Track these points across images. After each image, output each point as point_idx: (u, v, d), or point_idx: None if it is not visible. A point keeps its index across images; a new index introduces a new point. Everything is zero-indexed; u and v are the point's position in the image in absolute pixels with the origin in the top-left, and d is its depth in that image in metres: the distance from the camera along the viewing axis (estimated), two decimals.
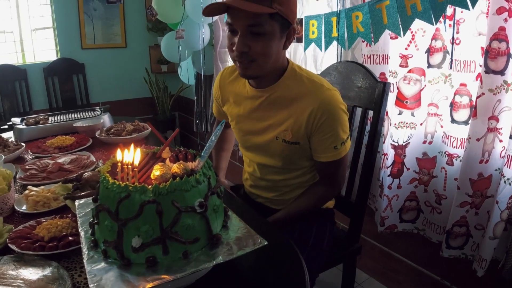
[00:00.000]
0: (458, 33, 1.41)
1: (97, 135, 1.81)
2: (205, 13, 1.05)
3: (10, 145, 1.61)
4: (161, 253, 0.67)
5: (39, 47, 3.96)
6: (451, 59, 1.45)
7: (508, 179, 1.28)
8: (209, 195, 0.72)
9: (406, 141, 1.63)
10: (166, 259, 0.68)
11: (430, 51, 1.53)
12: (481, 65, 1.29)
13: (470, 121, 1.35)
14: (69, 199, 1.01)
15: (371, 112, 1.37)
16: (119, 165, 0.71)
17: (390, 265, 1.98)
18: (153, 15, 2.99)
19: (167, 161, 0.79)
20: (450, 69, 1.46)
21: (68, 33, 3.95)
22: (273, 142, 1.18)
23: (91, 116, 2.09)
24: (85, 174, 1.11)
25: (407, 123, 1.61)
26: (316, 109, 1.08)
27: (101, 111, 2.15)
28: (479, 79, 1.29)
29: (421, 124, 1.60)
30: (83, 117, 2.06)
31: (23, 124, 1.93)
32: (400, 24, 1.45)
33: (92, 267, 0.67)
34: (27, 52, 3.90)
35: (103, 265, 0.68)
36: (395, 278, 1.97)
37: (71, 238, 0.86)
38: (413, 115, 1.59)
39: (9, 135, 1.86)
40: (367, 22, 1.57)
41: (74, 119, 2.03)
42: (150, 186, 0.66)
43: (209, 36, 2.95)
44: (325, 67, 1.60)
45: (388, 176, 1.67)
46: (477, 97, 1.29)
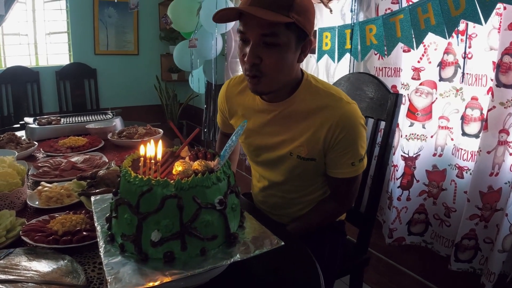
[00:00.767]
0: (470, 47, 1.43)
1: (109, 137, 1.83)
2: (216, 19, 0.97)
3: (23, 142, 1.64)
4: (179, 248, 0.68)
5: (53, 51, 4.03)
6: (462, 72, 1.46)
7: None
8: (228, 193, 0.73)
9: (416, 153, 1.63)
10: (183, 255, 0.68)
11: (442, 65, 1.54)
12: (492, 79, 1.30)
13: (480, 134, 1.36)
14: (84, 196, 1.02)
15: (382, 123, 1.38)
16: (142, 159, 0.72)
17: (396, 278, 1.96)
18: (168, 23, 3.03)
19: (187, 159, 0.80)
20: (461, 82, 1.48)
21: (81, 38, 4.02)
22: (286, 158, 1.10)
23: (103, 119, 2.11)
24: (100, 172, 1.13)
25: (417, 135, 1.61)
26: (335, 124, 1.01)
27: (113, 114, 2.18)
28: (490, 92, 1.31)
29: (432, 136, 1.61)
30: (95, 120, 2.08)
31: (36, 123, 1.95)
32: (413, 37, 1.46)
33: (109, 260, 0.67)
34: (41, 55, 3.97)
35: (120, 258, 0.68)
36: None
37: (85, 233, 0.86)
38: (424, 127, 1.60)
39: (21, 134, 1.88)
40: (380, 35, 1.59)
41: (86, 121, 2.05)
42: (172, 181, 0.67)
43: (222, 46, 2.99)
44: (337, 78, 1.62)
45: (397, 187, 1.67)
46: (488, 110, 1.30)
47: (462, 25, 1.42)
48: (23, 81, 3.73)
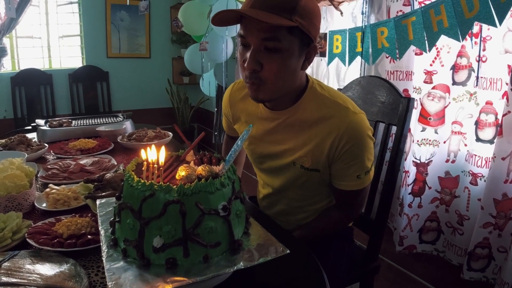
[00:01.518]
0: (484, 50, 1.40)
1: (118, 140, 1.83)
2: (215, 21, 0.91)
3: (33, 144, 1.65)
4: (181, 255, 0.66)
5: (66, 54, 4.08)
6: (476, 76, 1.43)
7: None
8: (232, 199, 0.71)
9: (428, 159, 1.60)
10: (186, 261, 0.67)
11: (455, 68, 1.51)
12: (507, 83, 1.27)
13: (495, 140, 1.33)
14: (90, 199, 1.02)
15: (394, 128, 1.35)
16: (145, 164, 0.71)
17: (407, 287, 1.92)
18: (179, 27, 3.05)
19: (192, 163, 0.79)
20: (475, 86, 1.45)
21: (94, 41, 4.06)
22: (290, 167, 1.06)
23: (114, 121, 2.12)
24: (107, 175, 1.12)
25: (430, 141, 1.58)
26: (340, 135, 0.96)
27: (123, 117, 2.19)
28: (505, 97, 1.27)
29: (445, 142, 1.58)
30: (105, 122, 2.09)
31: (47, 125, 1.96)
32: (426, 40, 1.44)
33: (111, 265, 0.66)
34: (54, 58, 4.03)
35: (122, 264, 0.67)
36: None
37: (90, 236, 0.86)
38: (436, 132, 1.57)
39: (32, 136, 1.89)
40: (392, 37, 1.56)
41: (97, 123, 2.06)
42: (175, 186, 0.66)
43: (232, 49, 2.99)
44: (348, 82, 1.59)
45: (408, 194, 1.64)
46: (503, 115, 1.26)
47: (476, 27, 1.39)
48: (36, 83, 3.79)
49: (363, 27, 1.68)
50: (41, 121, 2.03)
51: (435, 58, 1.54)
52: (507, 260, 1.31)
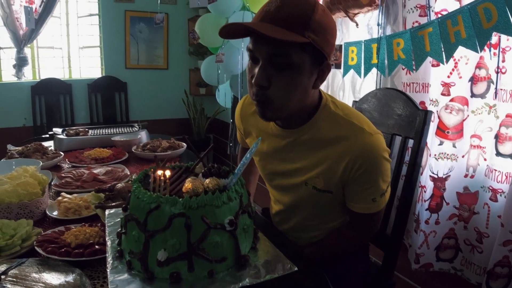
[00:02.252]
0: (503, 61, 1.35)
1: (133, 150, 1.85)
2: (222, 34, 0.86)
3: (49, 153, 1.67)
4: (186, 269, 0.65)
5: (85, 64, 4.16)
6: (496, 88, 1.39)
7: None
8: (240, 214, 0.70)
9: (446, 174, 1.55)
10: (190, 276, 0.66)
11: (473, 80, 1.47)
12: None
13: None
14: (100, 208, 1.02)
15: (411, 141, 1.32)
16: (152, 175, 0.71)
17: None
18: (195, 38, 3.08)
19: (200, 176, 0.78)
20: (495, 99, 1.40)
21: (113, 52, 4.14)
22: (301, 187, 1.01)
23: (129, 131, 2.13)
24: (118, 185, 1.12)
25: (448, 155, 1.54)
26: (354, 158, 0.90)
27: (139, 127, 2.21)
28: None
29: (463, 156, 1.53)
30: (121, 132, 2.11)
31: (64, 134, 1.99)
32: (443, 51, 1.41)
33: (114, 277, 0.66)
34: (74, 68, 4.12)
35: (126, 276, 0.66)
36: None
37: (97, 246, 0.85)
38: (454, 146, 1.53)
39: (49, 144, 1.92)
40: (408, 49, 1.54)
41: (113, 133, 2.08)
42: (180, 199, 0.65)
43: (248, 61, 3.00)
44: (363, 94, 1.57)
45: (425, 210, 1.59)
46: None
47: (494, 38, 1.36)
48: (56, 92, 3.87)
49: (379, 38, 1.66)
50: (58, 130, 2.06)
51: (453, 69, 1.50)
52: None
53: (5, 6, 3.45)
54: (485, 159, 1.46)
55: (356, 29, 1.96)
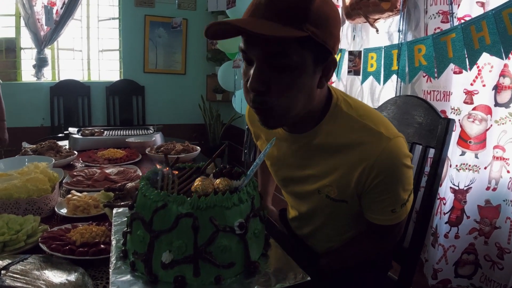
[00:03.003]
0: None
1: (147, 152, 1.84)
2: (208, 35, 0.74)
3: (62, 151, 1.67)
4: (191, 274, 0.62)
5: (104, 67, 4.21)
6: None
7: None
8: (250, 217, 0.66)
9: (467, 186, 1.49)
10: (196, 281, 0.62)
11: (497, 88, 1.41)
12: None
13: None
14: (108, 207, 1.00)
15: (431, 151, 1.26)
16: (160, 172, 0.68)
17: None
18: (213, 43, 3.08)
19: (211, 176, 0.75)
20: None
21: (132, 56, 4.18)
22: (314, 195, 0.93)
23: (144, 133, 2.13)
24: (128, 184, 1.10)
25: (469, 166, 1.47)
26: (370, 166, 0.81)
27: (154, 130, 2.21)
28: None
29: (485, 167, 1.46)
30: (136, 134, 2.11)
31: (79, 134, 2.00)
32: (466, 58, 1.36)
33: (116, 277, 0.63)
34: (93, 70, 4.17)
35: (128, 277, 0.63)
36: None
37: (103, 246, 0.83)
38: (476, 157, 1.46)
39: (64, 143, 1.93)
40: (430, 55, 1.49)
41: (127, 135, 2.08)
42: (189, 198, 0.62)
43: None
44: (382, 102, 1.52)
45: (445, 223, 1.52)
46: None
47: None
48: (74, 94, 3.92)
49: (400, 44, 1.62)
50: (74, 130, 2.07)
51: (476, 77, 1.45)
52: None
53: (27, 7, 3.53)
54: (508, 171, 1.39)
55: (376, 35, 1.92)
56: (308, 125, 0.87)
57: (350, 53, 1.92)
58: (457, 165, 1.48)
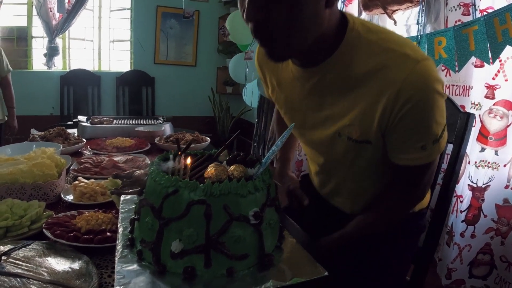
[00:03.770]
0: None
1: (156, 141, 1.81)
2: None
3: (71, 138, 1.65)
4: (202, 264, 0.58)
5: (115, 57, 4.19)
6: None
7: None
8: (266, 206, 0.62)
9: (486, 183, 1.44)
10: (206, 273, 0.59)
11: None
12: None
13: None
14: (116, 194, 0.96)
15: (449, 146, 1.21)
16: (172, 157, 0.64)
17: None
18: (225, 35, 3.05)
19: (224, 163, 0.71)
20: None
21: (143, 47, 4.14)
22: (335, 139, 0.82)
23: (154, 123, 2.11)
24: (137, 171, 1.07)
25: (489, 163, 1.42)
26: (395, 93, 0.70)
27: (163, 119, 2.18)
28: None
29: (505, 165, 1.41)
30: (145, 123, 2.09)
31: (88, 122, 1.98)
32: (489, 50, 1.30)
33: (122, 267, 0.59)
34: (104, 60, 4.15)
35: (135, 267, 0.60)
36: None
37: (109, 234, 0.79)
38: (496, 154, 1.41)
39: (73, 131, 1.91)
40: (451, 48, 1.43)
41: (136, 124, 2.06)
42: (202, 184, 0.58)
43: None
44: None
45: (461, 222, 1.48)
46: None
47: None
48: (84, 83, 3.91)
49: (419, 36, 1.56)
50: (83, 118, 2.05)
51: (498, 71, 1.39)
52: None
53: None
54: None
55: (393, 27, 1.86)
56: (321, 55, 0.77)
57: None
58: (476, 162, 1.43)
